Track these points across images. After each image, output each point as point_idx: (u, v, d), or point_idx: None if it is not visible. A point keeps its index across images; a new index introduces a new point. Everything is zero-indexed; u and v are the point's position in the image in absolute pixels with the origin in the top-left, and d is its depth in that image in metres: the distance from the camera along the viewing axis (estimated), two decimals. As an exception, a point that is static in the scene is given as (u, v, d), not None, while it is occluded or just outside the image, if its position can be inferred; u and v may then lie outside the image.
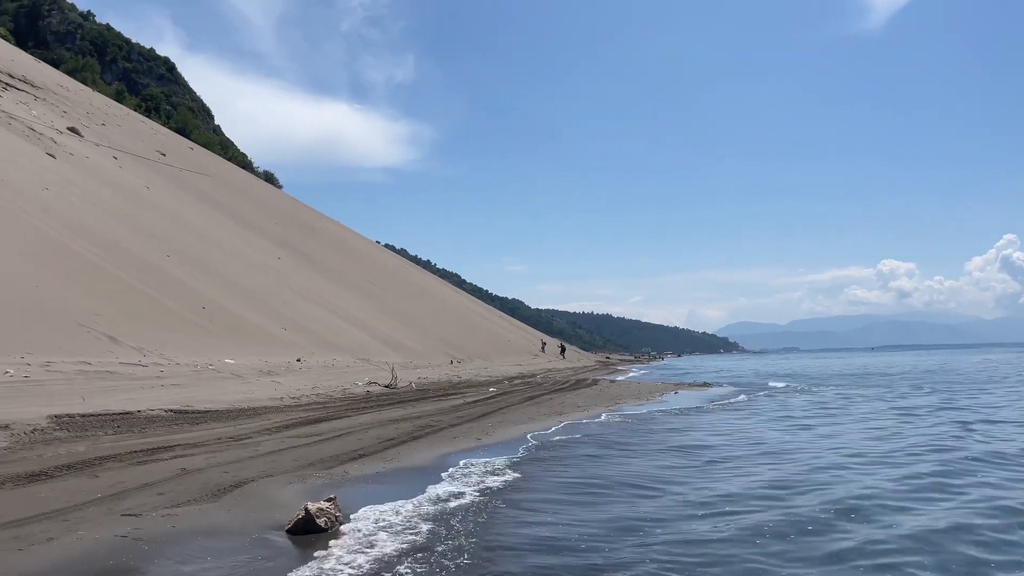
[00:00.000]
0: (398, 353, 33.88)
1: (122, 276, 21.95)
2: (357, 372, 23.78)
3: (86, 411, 10.45)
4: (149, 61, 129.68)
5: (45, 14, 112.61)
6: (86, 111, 54.28)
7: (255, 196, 67.20)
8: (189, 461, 8.46)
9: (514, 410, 17.35)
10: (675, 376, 45.30)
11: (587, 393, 24.25)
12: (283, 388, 16.86)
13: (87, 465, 7.79)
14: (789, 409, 19.90)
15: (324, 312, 35.20)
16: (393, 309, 49.59)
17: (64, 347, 14.92)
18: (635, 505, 8.07)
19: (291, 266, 43.51)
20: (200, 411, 12.25)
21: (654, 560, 6.03)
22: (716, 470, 10.26)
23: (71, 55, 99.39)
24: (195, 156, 68.56)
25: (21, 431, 8.95)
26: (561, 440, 12.98)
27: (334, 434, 11.47)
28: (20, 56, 62.11)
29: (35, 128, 37.58)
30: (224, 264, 32.46)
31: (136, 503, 6.62)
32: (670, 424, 16.09)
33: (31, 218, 22.39)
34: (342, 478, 8.57)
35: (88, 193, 30.49)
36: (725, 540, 6.63)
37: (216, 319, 23.20)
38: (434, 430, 12.86)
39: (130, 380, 13.96)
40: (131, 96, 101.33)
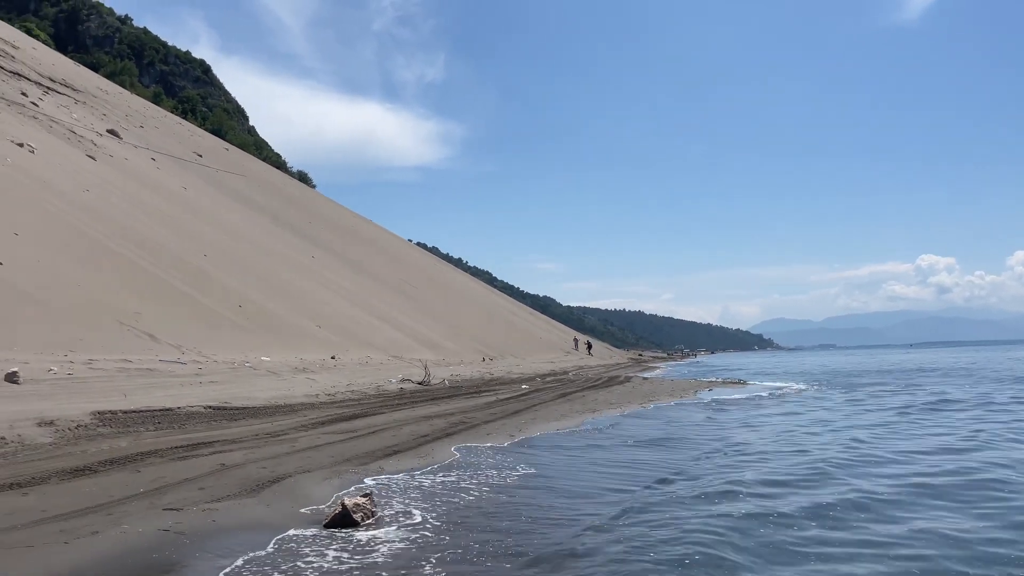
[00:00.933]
0: (431, 350, 34.06)
1: (161, 275, 22.35)
2: (391, 369, 23.96)
3: (128, 408, 10.67)
4: (185, 63, 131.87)
5: (84, 18, 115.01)
6: (125, 114, 55.34)
7: (289, 196, 67.98)
8: (228, 457, 8.59)
9: (547, 407, 17.35)
10: (709, 373, 44.91)
11: (620, 390, 24.16)
12: (318, 385, 17.04)
13: (129, 460, 7.96)
14: (823, 407, 19.63)
15: (357, 310, 35.50)
16: (425, 307, 49.84)
17: (106, 345, 15.24)
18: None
19: (325, 264, 43.94)
20: (238, 408, 12.44)
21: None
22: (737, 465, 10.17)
23: (110, 58, 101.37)
24: (230, 157, 69.56)
25: (65, 427, 9.16)
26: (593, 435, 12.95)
27: (369, 430, 11.58)
28: (60, 60, 63.50)
29: (76, 131, 38.42)
30: (260, 263, 32.89)
31: (177, 498, 6.74)
32: (702, 422, 15.97)
33: (73, 219, 22.89)
34: (377, 473, 8.65)
35: (127, 194, 31.09)
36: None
37: (252, 317, 23.52)
38: (467, 426, 12.92)
39: (170, 377, 14.21)
40: (168, 98, 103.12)
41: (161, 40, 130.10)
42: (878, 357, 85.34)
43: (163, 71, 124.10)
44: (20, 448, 8.12)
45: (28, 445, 8.27)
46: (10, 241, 18.40)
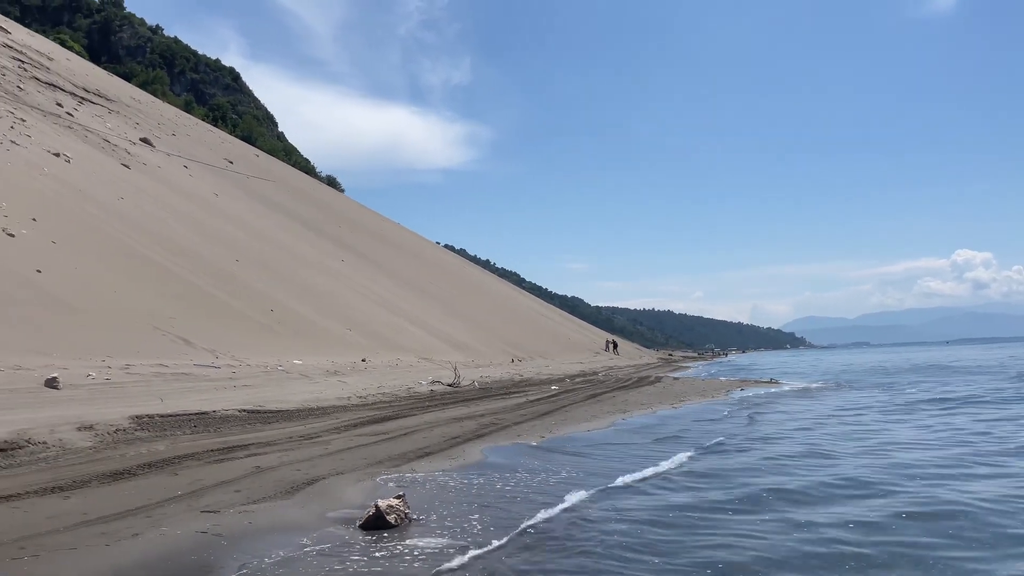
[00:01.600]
0: (460, 352, 34.17)
1: (194, 281, 22.70)
2: (421, 371, 24.08)
3: (164, 412, 10.85)
4: (215, 71, 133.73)
5: (116, 29, 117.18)
6: (157, 122, 56.28)
7: (319, 200, 68.62)
8: (263, 459, 8.71)
9: (577, 408, 17.32)
10: (740, 373, 44.51)
11: (650, 391, 24.05)
12: (350, 388, 17.19)
13: (167, 463, 8.09)
14: (859, 407, 19.37)
15: (387, 313, 35.74)
16: (454, 309, 50.01)
17: (142, 350, 15.52)
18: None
19: (354, 268, 44.29)
20: (271, 411, 12.59)
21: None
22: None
23: (142, 68, 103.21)
24: (261, 163, 70.40)
25: (104, 431, 9.35)
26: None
27: (400, 432, 11.65)
28: (94, 71, 64.75)
29: (110, 140, 39.15)
30: (290, 267, 33.25)
31: (214, 500, 6.85)
32: (738, 423, 15.83)
33: (108, 227, 23.34)
34: (410, 475, 8.70)
35: (161, 201, 31.61)
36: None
37: (284, 321, 23.79)
38: (498, 428, 12.94)
39: (204, 381, 14.43)
40: (199, 106, 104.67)
41: (192, 49, 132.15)
42: (918, 354, 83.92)
43: (194, 79, 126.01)
44: (61, 452, 8.30)
45: (69, 449, 8.45)
46: (48, 249, 18.81)
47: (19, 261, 17.00)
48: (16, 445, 8.08)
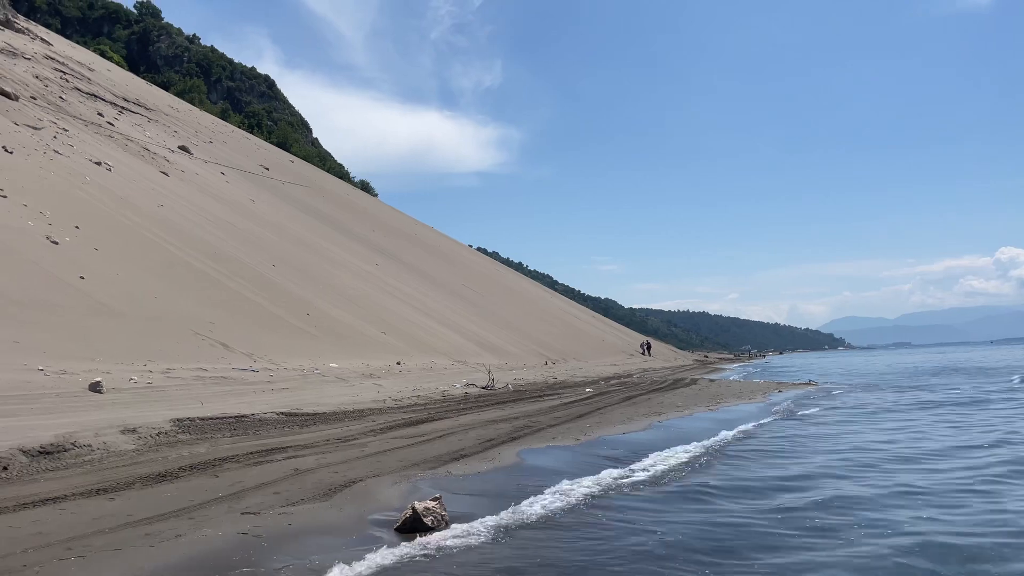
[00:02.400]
0: (493, 355, 34.22)
1: (232, 286, 23.04)
2: (455, 374, 24.16)
3: (205, 415, 11.02)
4: (251, 79, 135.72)
5: (155, 39, 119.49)
6: (195, 130, 57.29)
7: (352, 205, 69.27)
8: (301, 462, 8.80)
9: (612, 410, 17.23)
10: (777, 374, 43.95)
11: (686, 393, 23.84)
12: (385, 390, 17.31)
13: (208, 466, 8.22)
14: (903, 409, 19.02)
15: (421, 316, 35.93)
16: (487, 312, 50.12)
17: (182, 355, 15.80)
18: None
19: (388, 272, 44.62)
20: (309, 413, 12.72)
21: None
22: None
23: (179, 77, 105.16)
24: (295, 168, 71.28)
25: (147, 434, 9.52)
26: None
27: (436, 435, 11.70)
28: (134, 81, 66.13)
29: (149, 148, 39.94)
30: (325, 271, 33.60)
31: (254, 502, 6.94)
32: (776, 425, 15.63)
33: (149, 233, 23.80)
34: (446, 477, 8.73)
35: (199, 208, 32.17)
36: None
37: (320, 325, 24.04)
38: (533, 430, 12.93)
39: (243, 385, 14.63)
40: (235, 114, 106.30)
41: (228, 57, 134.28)
42: (961, 355, 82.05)
43: (230, 87, 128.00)
44: (105, 455, 8.47)
45: (113, 452, 8.62)
46: (91, 256, 19.24)
47: (63, 268, 17.41)
48: (62, 448, 8.27)
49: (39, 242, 18.21)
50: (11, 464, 7.53)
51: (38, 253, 17.53)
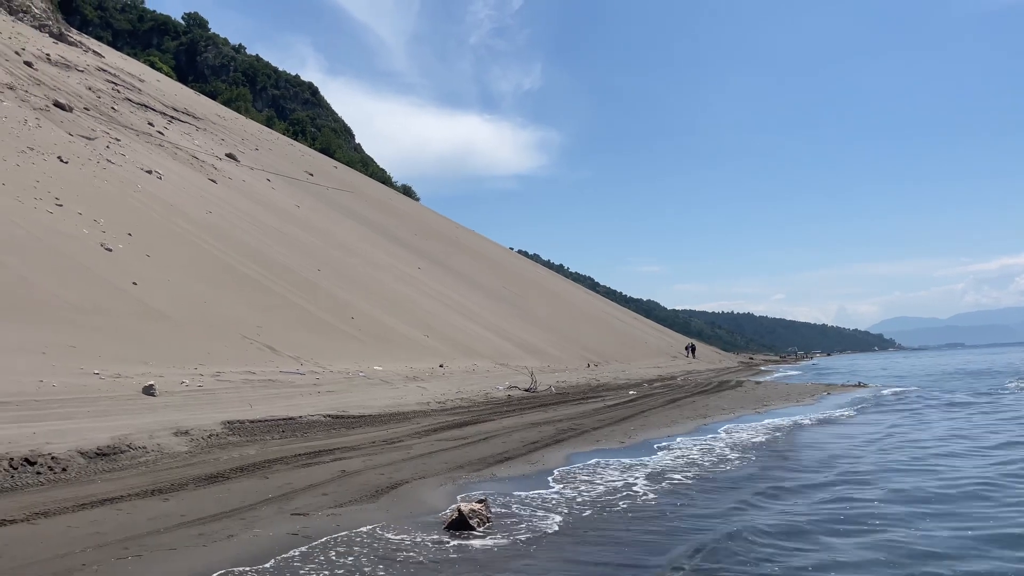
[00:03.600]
0: (535, 357, 34.20)
1: (278, 290, 23.42)
2: (497, 376, 24.21)
3: (254, 417, 11.22)
4: (295, 87, 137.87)
5: (202, 50, 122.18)
6: (241, 138, 58.42)
7: (395, 209, 69.90)
8: (348, 463, 8.91)
9: (656, 413, 17.10)
10: (825, 376, 43.14)
11: (731, 395, 23.54)
12: (429, 393, 17.42)
13: (258, 467, 8.37)
14: (964, 410, 18.50)
15: (463, 318, 36.09)
16: (529, 314, 50.11)
17: (231, 358, 16.10)
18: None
19: (431, 275, 44.91)
20: (355, 416, 12.87)
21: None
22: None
23: (226, 86, 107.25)
24: (339, 174, 72.20)
25: (199, 436, 9.73)
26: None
27: (479, 437, 11.74)
28: (182, 91, 67.70)
29: (198, 156, 40.84)
30: (369, 275, 33.96)
31: (303, 503, 7.05)
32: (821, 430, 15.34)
33: (198, 240, 24.34)
34: (490, 480, 8.76)
35: (246, 214, 32.79)
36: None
37: (364, 328, 24.30)
38: (576, 433, 12.90)
39: (290, 387, 14.86)
40: (280, 121, 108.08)
41: (272, 66, 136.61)
42: (1018, 355, 79.44)
43: (275, 95, 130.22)
44: (159, 456, 8.68)
45: (167, 453, 8.83)
46: (143, 262, 19.73)
47: (116, 274, 17.89)
48: (118, 450, 8.49)
49: (93, 249, 18.73)
50: (70, 466, 7.76)
51: (93, 260, 18.04)
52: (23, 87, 34.25)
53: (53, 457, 7.75)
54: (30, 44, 43.49)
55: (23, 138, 25.95)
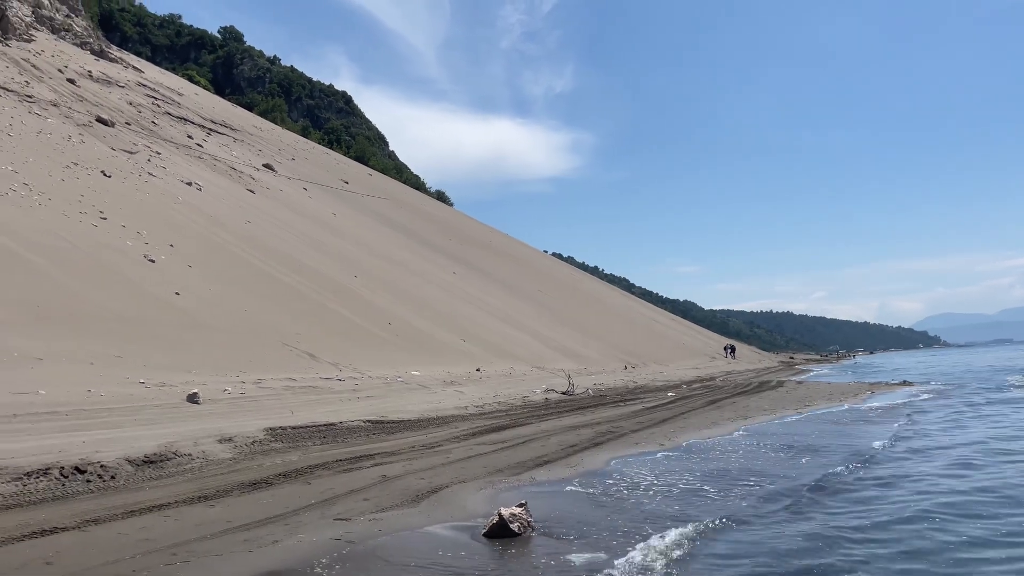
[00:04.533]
0: (572, 360, 34.12)
1: (317, 298, 23.71)
2: (534, 380, 24.20)
3: (296, 423, 11.37)
4: (329, 96, 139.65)
5: (238, 63, 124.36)
6: (278, 148, 59.28)
7: (429, 215, 70.32)
8: (388, 468, 8.98)
9: (696, 415, 16.95)
10: (869, 375, 42.35)
11: (772, 395, 23.24)
12: (466, 397, 17.47)
13: (300, 473, 8.48)
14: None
15: (499, 322, 36.15)
16: (564, 316, 50.01)
17: (272, 365, 16.33)
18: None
19: (466, 280, 45.08)
20: (394, 421, 12.96)
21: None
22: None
23: (262, 97, 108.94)
24: (374, 181, 72.86)
25: (243, 443, 9.88)
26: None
27: (518, 441, 11.74)
28: (220, 103, 68.94)
29: (236, 167, 41.54)
30: (405, 281, 34.20)
31: (345, 508, 7.12)
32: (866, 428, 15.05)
33: (238, 249, 24.74)
34: (530, 484, 8.76)
35: (283, 223, 33.25)
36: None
37: (401, 333, 24.47)
38: (615, 436, 12.84)
39: (330, 394, 15.03)
40: (315, 130, 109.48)
41: (307, 76, 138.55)
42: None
43: (309, 105, 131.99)
44: (205, 463, 8.83)
45: (212, 460, 8.98)
46: (185, 273, 20.12)
47: (160, 285, 18.27)
48: (165, 457, 8.66)
49: (137, 261, 19.16)
50: (118, 473, 7.93)
51: (137, 271, 18.44)
52: (67, 104, 35.17)
53: (102, 465, 7.93)
54: (72, 62, 44.66)
55: (68, 153, 26.65)
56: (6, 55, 38.47)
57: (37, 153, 24.83)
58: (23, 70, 37.35)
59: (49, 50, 44.15)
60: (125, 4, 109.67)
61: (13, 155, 23.28)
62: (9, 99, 31.00)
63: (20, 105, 30.92)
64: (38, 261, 16.07)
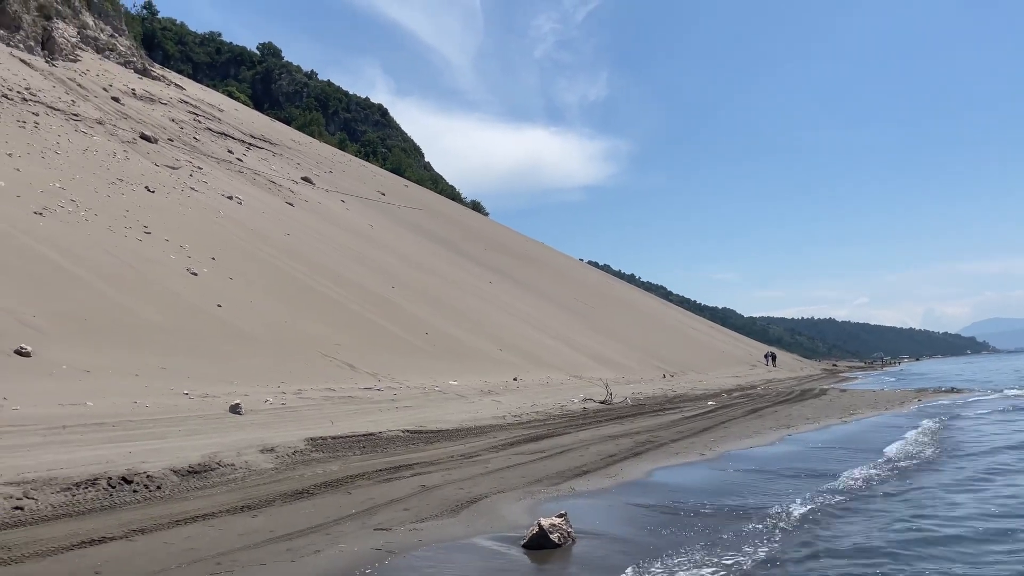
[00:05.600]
0: (609, 368, 33.93)
1: (356, 309, 23.93)
2: (571, 389, 24.10)
3: (336, 433, 11.46)
4: (365, 109, 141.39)
5: (276, 78, 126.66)
6: (316, 161, 60.10)
7: (465, 225, 70.65)
8: (427, 478, 9.00)
9: (737, 424, 16.72)
10: (916, 382, 41.39)
11: (815, 404, 22.83)
12: (504, 407, 17.46)
13: (341, 483, 8.54)
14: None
15: (535, 331, 36.11)
16: (601, 325, 49.79)
17: (312, 376, 16.50)
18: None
19: (502, 288, 45.14)
20: (432, 431, 13.00)
21: None
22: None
23: (300, 111, 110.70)
24: (410, 192, 73.45)
25: (284, 453, 9.99)
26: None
27: (556, 451, 11.69)
28: (259, 118, 70.16)
29: (275, 181, 42.20)
30: (442, 291, 34.36)
31: (385, 518, 7.15)
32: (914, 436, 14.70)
33: (277, 262, 25.09)
34: (569, 494, 8.70)
35: (322, 235, 33.66)
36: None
37: (438, 343, 24.57)
38: (655, 445, 12.71)
39: (369, 403, 15.13)
40: (352, 143, 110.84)
41: (343, 90, 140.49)
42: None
43: (346, 118, 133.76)
44: (247, 473, 8.94)
45: (254, 470, 9.09)
46: (226, 285, 20.46)
47: (202, 297, 18.60)
48: (208, 468, 8.78)
49: (180, 274, 19.53)
50: (164, 483, 8.06)
51: (180, 284, 18.80)
52: (111, 121, 36.09)
53: (148, 475, 8.07)
54: (117, 80, 45.85)
55: (113, 170, 27.32)
56: (53, 75, 39.64)
57: (83, 170, 25.50)
58: (69, 89, 38.44)
59: (94, 69, 45.38)
60: (167, 24, 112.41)
61: (61, 172, 23.94)
62: (57, 118, 31.92)
63: (67, 123, 31.82)
64: (85, 275, 16.48)
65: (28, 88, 34.08)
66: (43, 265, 15.98)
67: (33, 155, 24.53)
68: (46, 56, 42.41)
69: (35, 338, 12.76)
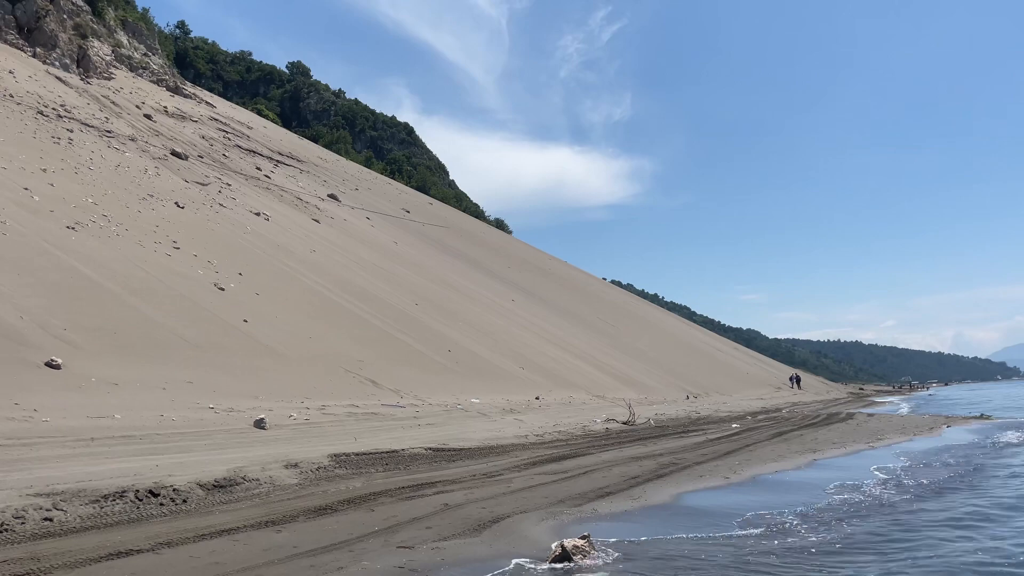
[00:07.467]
0: (632, 389, 33.73)
1: (379, 325, 24.06)
2: (594, 409, 23.98)
3: (359, 450, 11.49)
4: (391, 128, 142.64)
5: (304, 96, 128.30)
6: (342, 179, 60.72)
7: (488, 243, 70.87)
8: (450, 497, 8.99)
9: (762, 447, 16.52)
10: (944, 408, 40.69)
11: (841, 428, 22.50)
12: (526, 426, 17.41)
13: (364, 500, 8.55)
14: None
15: (558, 350, 36.02)
16: (624, 345, 49.57)
17: (335, 392, 16.60)
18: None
19: (525, 307, 45.14)
20: (455, 449, 12.99)
21: None
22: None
23: (327, 130, 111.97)
24: (434, 210, 73.87)
25: (308, 468, 10.04)
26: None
27: (579, 471, 11.63)
28: (287, 136, 71.08)
29: (302, 198, 42.66)
30: (465, 309, 34.43)
31: (408, 536, 7.15)
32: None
33: (303, 277, 25.32)
34: (592, 515, 8.65)
35: (348, 252, 33.94)
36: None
37: (461, 361, 24.59)
38: (678, 468, 12.60)
39: (392, 420, 15.17)
40: (378, 161, 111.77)
41: (370, 109, 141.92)
42: None
43: (372, 136, 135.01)
44: (272, 489, 8.99)
45: (278, 486, 9.14)
46: (253, 300, 20.67)
47: (229, 312, 18.81)
48: (234, 482, 8.84)
49: (208, 288, 19.78)
50: (190, 497, 8.13)
51: (207, 299, 19.04)
52: (143, 138, 36.76)
53: (175, 489, 8.14)
54: (149, 98, 46.74)
55: (144, 186, 27.79)
56: (88, 92, 40.50)
57: (115, 186, 25.96)
58: (103, 106, 39.25)
59: (127, 87, 46.32)
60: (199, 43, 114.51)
61: (93, 188, 24.40)
62: (90, 134, 32.58)
63: (100, 140, 32.46)
64: (116, 289, 16.74)
65: (63, 105, 34.85)
66: (74, 278, 16.26)
67: (67, 170, 25.04)
68: (81, 74, 43.38)
69: (65, 351, 12.97)
